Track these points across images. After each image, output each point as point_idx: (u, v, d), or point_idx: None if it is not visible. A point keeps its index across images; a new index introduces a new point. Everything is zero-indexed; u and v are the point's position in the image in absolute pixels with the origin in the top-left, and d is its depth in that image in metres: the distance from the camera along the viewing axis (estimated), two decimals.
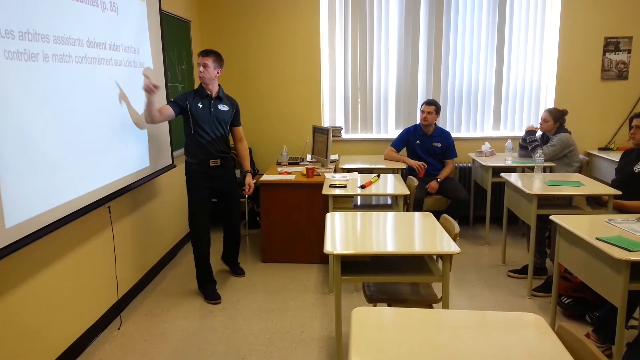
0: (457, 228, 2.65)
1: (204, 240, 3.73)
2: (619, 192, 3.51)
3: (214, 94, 3.67)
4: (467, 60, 5.46)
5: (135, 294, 3.77)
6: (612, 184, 3.78)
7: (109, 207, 3.28)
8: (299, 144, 5.37)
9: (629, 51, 5.31)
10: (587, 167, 5.32)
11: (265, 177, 4.28)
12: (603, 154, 5.17)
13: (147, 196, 4.05)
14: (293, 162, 4.97)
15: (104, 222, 3.29)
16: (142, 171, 3.61)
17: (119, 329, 3.30)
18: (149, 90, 3.22)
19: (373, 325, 1.72)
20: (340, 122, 5.61)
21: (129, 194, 3.59)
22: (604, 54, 5.34)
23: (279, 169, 4.64)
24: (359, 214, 3.05)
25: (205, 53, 3.58)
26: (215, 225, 4.08)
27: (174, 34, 4.52)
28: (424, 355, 1.52)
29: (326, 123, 5.60)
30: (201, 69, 3.57)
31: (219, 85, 3.73)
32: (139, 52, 3.54)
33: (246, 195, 4.41)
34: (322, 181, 4.08)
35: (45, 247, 2.68)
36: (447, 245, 2.44)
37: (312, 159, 4.98)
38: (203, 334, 3.21)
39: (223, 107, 3.70)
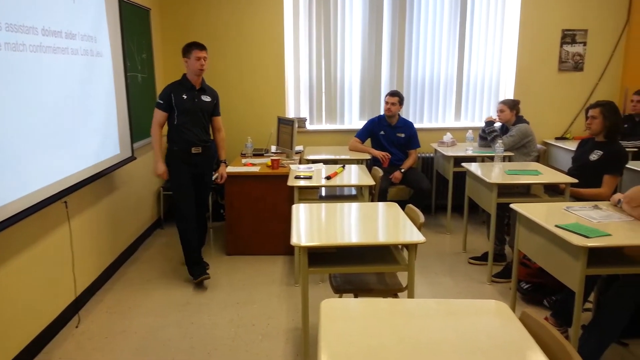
0: (422, 218, 2.68)
1: (190, 222, 3.78)
2: (576, 181, 3.63)
3: (198, 86, 3.73)
4: (430, 52, 5.52)
5: (94, 290, 3.66)
6: (569, 173, 3.89)
7: (65, 202, 3.15)
8: (264, 135, 5.32)
9: (585, 43, 5.48)
10: (544, 156, 5.48)
11: (230, 169, 4.22)
12: (559, 144, 5.33)
13: (107, 189, 3.92)
14: (258, 154, 4.92)
15: (60, 218, 3.16)
16: (101, 164, 3.49)
17: (77, 327, 3.19)
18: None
19: (342, 316, 1.72)
20: (304, 113, 5.59)
21: (88, 188, 3.47)
22: (561, 46, 5.49)
23: (244, 161, 4.58)
24: (325, 205, 3.05)
25: (204, 47, 3.67)
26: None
27: (133, 22, 4.38)
28: (394, 345, 1.52)
29: (291, 114, 5.56)
30: (203, 62, 3.64)
31: (202, 77, 3.77)
32: (97, 40, 3.41)
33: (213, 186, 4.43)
34: (287, 172, 4.05)
35: None
36: (413, 234, 2.47)
37: (277, 150, 4.94)
38: (167, 330, 3.15)
39: (206, 98, 3.78)
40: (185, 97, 3.66)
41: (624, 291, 2.52)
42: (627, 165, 3.87)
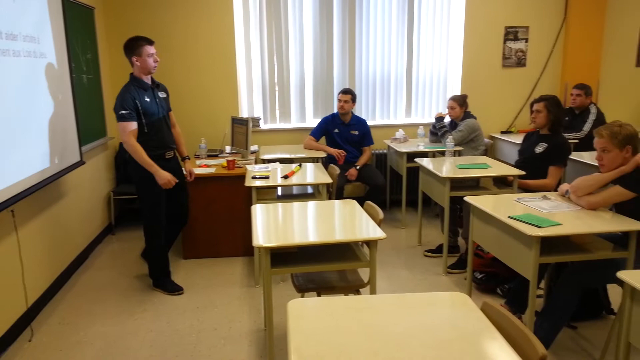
0: (381, 214, 2.72)
1: (162, 235, 3.64)
2: (523, 172, 3.79)
3: (150, 83, 3.51)
4: (380, 49, 5.60)
5: (46, 301, 3.50)
6: (516, 165, 4.06)
7: (12, 211, 3.00)
8: (217, 136, 5.24)
9: (526, 40, 5.71)
10: (491, 150, 5.68)
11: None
12: (505, 137, 5.54)
13: (55, 196, 3.76)
14: (212, 155, 4.84)
15: (7, 227, 3.01)
16: (48, 169, 3.34)
17: (30, 340, 3.05)
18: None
19: (309, 316, 1.73)
20: (258, 113, 5.55)
21: (35, 195, 3.31)
22: (504, 42, 5.70)
23: (198, 162, 4.50)
24: (284, 204, 3.04)
25: (153, 41, 3.43)
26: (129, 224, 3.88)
27: (77, 21, 4.20)
28: (363, 341, 1.55)
29: (244, 114, 5.51)
30: (157, 58, 3.43)
31: None
32: (40, 41, 3.25)
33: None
34: (243, 173, 4.02)
35: None
36: (373, 231, 2.51)
37: (231, 150, 4.88)
38: (125, 339, 3.06)
39: (162, 95, 3.59)
40: (148, 99, 3.41)
41: (573, 277, 2.66)
42: (570, 157, 4.07)
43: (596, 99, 5.54)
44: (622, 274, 1.93)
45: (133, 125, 3.32)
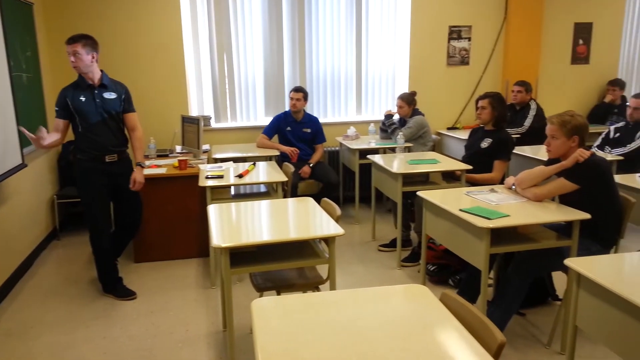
0: (338, 211, 2.76)
1: (106, 240, 3.51)
2: (470, 167, 3.94)
3: (96, 82, 3.34)
4: (329, 48, 5.65)
5: None
6: (463, 160, 4.21)
7: None
8: (167, 135, 5.12)
9: (469, 39, 5.91)
10: (438, 146, 5.85)
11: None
12: (451, 133, 5.72)
13: None
14: (162, 155, 4.73)
15: None
16: None
17: None
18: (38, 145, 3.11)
19: (273, 315, 1.73)
20: (208, 111, 5.46)
21: None
22: (448, 41, 5.88)
23: (148, 163, 4.36)
24: (240, 204, 3.02)
25: (73, 40, 3.22)
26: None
27: (15, 18, 3.99)
28: (329, 338, 1.57)
29: (194, 112, 5.41)
30: (72, 58, 3.22)
31: (102, 70, 3.40)
32: None
33: None
34: (196, 173, 3.95)
35: None
36: (331, 228, 2.53)
37: (182, 150, 4.78)
38: (76, 348, 2.95)
39: (110, 95, 3.39)
40: (83, 99, 3.29)
41: (522, 266, 2.79)
42: (513, 151, 4.25)
43: (535, 95, 5.81)
44: (569, 261, 2.04)
45: (59, 123, 3.33)
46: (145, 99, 5.18)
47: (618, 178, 2.99)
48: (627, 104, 4.68)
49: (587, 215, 2.63)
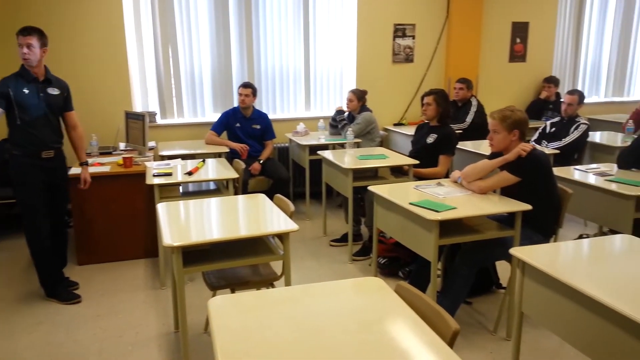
0: (291, 206, 2.76)
1: (46, 239, 3.34)
2: (417, 162, 4.05)
3: (41, 77, 3.22)
4: (277, 44, 5.62)
5: None
6: (410, 155, 4.31)
7: None
8: (110, 132, 4.93)
9: (413, 37, 6.05)
10: (386, 141, 5.96)
11: (75, 171, 3.84)
12: (397, 129, 5.85)
13: None
14: (105, 152, 4.55)
15: None
16: None
17: None
18: None
19: (231, 313, 1.72)
20: (153, 107, 5.31)
21: None
22: (394, 39, 5.99)
23: (90, 161, 4.18)
24: (190, 202, 2.97)
25: (27, 32, 3.10)
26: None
27: None
28: (288, 333, 1.57)
29: (138, 108, 5.24)
30: (25, 50, 3.09)
31: (45, 66, 3.27)
32: None
33: None
34: (142, 170, 3.84)
35: None
36: (286, 224, 2.54)
37: (126, 147, 4.62)
38: (20, 356, 2.80)
39: (53, 91, 3.28)
40: (26, 91, 3.15)
41: (469, 256, 2.91)
42: (457, 146, 4.40)
43: (476, 92, 6.02)
44: (513, 251, 2.15)
45: None
46: (86, 94, 4.96)
47: (555, 170, 3.16)
48: (562, 100, 4.95)
49: (528, 207, 2.76)
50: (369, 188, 3.28)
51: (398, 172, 4.28)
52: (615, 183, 3.25)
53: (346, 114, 5.18)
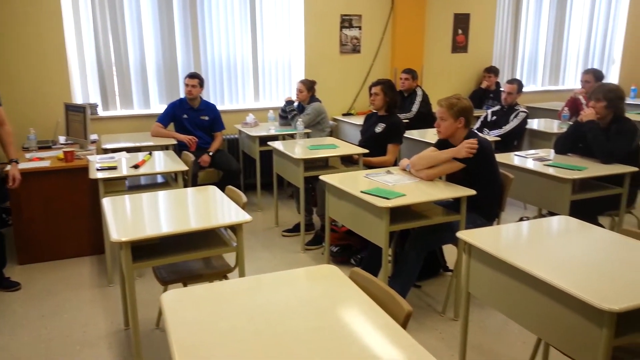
0: (244, 198, 2.75)
1: None
2: (367, 151, 4.11)
3: None
4: (224, 34, 5.53)
5: None
6: (359, 144, 4.38)
7: None
8: (49, 126, 4.71)
9: (360, 28, 6.11)
10: (335, 131, 6.01)
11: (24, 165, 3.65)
12: (346, 119, 5.91)
13: None
14: (44, 146, 4.35)
15: None
16: None
17: None
18: None
19: (185, 306, 1.70)
20: (95, 99, 5.11)
21: None
22: (340, 30, 6.03)
23: (28, 155, 4.01)
24: (138, 196, 2.89)
25: None
26: None
27: None
28: (245, 324, 1.58)
29: (78, 100, 5.03)
30: None
31: None
32: None
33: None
34: (85, 165, 3.71)
35: None
36: (238, 215, 2.53)
37: (67, 141, 4.44)
38: None
39: None
40: None
41: (417, 241, 2.99)
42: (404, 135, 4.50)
43: (421, 82, 6.16)
44: (460, 234, 2.23)
45: None
46: (22, 85, 4.73)
47: (497, 157, 3.29)
48: (502, 89, 5.15)
49: (472, 192, 2.88)
50: (320, 178, 3.31)
51: (348, 162, 4.33)
52: (552, 167, 3.43)
53: (296, 104, 5.18)
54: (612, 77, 7.89)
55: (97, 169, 3.45)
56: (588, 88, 5.06)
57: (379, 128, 4.24)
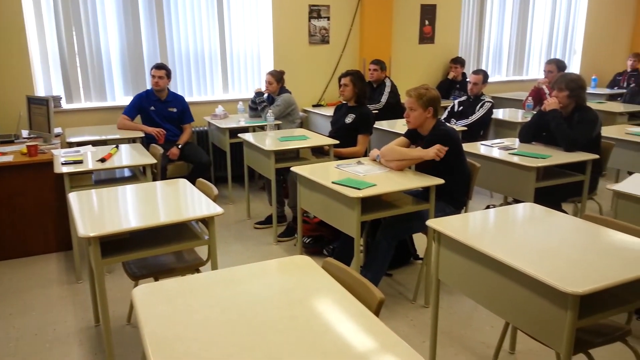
0: (215, 190, 2.74)
1: None
2: (337, 142, 4.13)
3: None
4: (190, 24, 5.45)
5: None
6: (330, 135, 4.40)
7: None
8: (11, 119, 4.55)
9: (328, 18, 6.10)
10: (306, 123, 6.00)
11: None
12: (317, 110, 5.91)
13: None
14: (5, 141, 4.21)
15: None
16: None
17: None
18: None
19: (158, 301, 1.69)
20: (58, 91, 4.96)
21: None
22: (309, 20, 6.01)
23: None
24: (106, 190, 2.84)
25: None
26: None
27: None
28: (219, 316, 1.58)
29: (41, 93, 4.87)
30: None
31: None
32: None
33: None
34: (49, 159, 3.62)
35: None
36: (210, 208, 2.51)
37: (30, 135, 4.31)
38: None
39: None
40: None
41: (388, 231, 3.04)
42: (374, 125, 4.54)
43: (389, 73, 6.20)
44: (430, 222, 2.28)
45: None
46: None
47: (464, 146, 3.36)
48: (468, 79, 5.23)
49: (441, 181, 2.93)
50: (292, 169, 3.32)
51: (319, 153, 4.34)
52: (517, 156, 3.52)
53: (265, 95, 5.15)
54: (574, 67, 8.12)
55: (62, 163, 3.37)
56: (551, 78, 5.18)
57: (348, 119, 4.26)
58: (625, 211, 2.73)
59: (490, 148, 3.80)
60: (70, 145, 4.14)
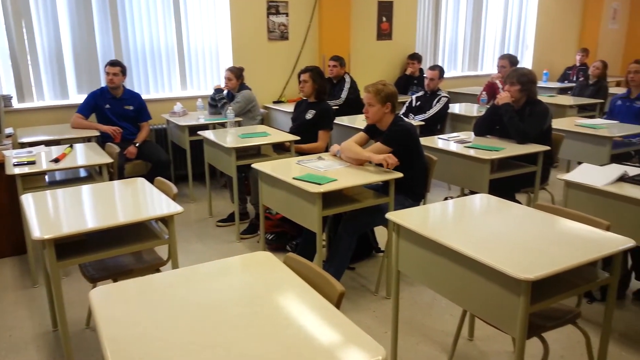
0: (174, 189, 2.70)
1: None
2: (298, 138, 4.14)
3: None
4: (146, 20, 5.33)
5: None
6: (291, 131, 4.40)
7: None
8: None
9: (287, 14, 6.09)
10: (266, 119, 5.98)
11: None
12: (277, 107, 5.90)
13: None
14: None
15: None
16: None
17: None
18: None
19: (116, 302, 1.66)
20: (8, 90, 4.77)
21: None
22: (268, 16, 5.98)
23: None
24: (61, 191, 2.76)
25: None
26: None
27: None
28: (180, 315, 1.57)
29: None
30: None
31: None
32: None
33: None
34: (1, 160, 3.48)
35: None
36: (169, 206, 2.48)
37: None
38: None
39: None
40: None
41: (350, 225, 3.08)
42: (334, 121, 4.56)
43: (349, 69, 6.25)
44: (389, 215, 2.32)
45: None
46: None
47: (422, 140, 3.43)
48: (425, 75, 5.33)
49: (400, 175, 2.99)
50: (253, 166, 3.31)
51: (280, 149, 4.34)
52: (472, 149, 3.62)
53: (225, 92, 5.10)
54: (526, 61, 8.39)
55: (14, 164, 3.25)
56: (504, 73, 5.33)
57: (309, 115, 4.28)
58: (575, 200, 2.85)
59: (447, 142, 3.89)
60: (23, 145, 3.99)
